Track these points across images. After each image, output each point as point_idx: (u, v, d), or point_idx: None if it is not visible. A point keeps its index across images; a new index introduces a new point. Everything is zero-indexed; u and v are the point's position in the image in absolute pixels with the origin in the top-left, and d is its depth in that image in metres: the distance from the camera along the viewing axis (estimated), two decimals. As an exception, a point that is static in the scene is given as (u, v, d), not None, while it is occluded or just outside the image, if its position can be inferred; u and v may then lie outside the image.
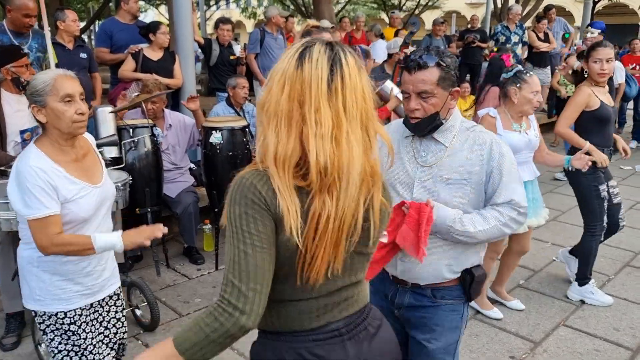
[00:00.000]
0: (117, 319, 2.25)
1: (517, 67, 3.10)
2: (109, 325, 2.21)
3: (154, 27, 4.89)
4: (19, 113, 3.02)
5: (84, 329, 2.07)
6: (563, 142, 6.12)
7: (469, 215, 1.80)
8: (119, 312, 2.26)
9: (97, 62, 5.04)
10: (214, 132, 3.93)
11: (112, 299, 2.22)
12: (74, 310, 2.04)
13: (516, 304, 3.53)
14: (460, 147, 1.83)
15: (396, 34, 8.03)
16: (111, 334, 2.22)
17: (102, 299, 2.16)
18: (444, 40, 8.42)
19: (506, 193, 1.79)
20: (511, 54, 6.12)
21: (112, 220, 2.21)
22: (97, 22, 15.43)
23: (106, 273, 2.14)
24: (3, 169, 2.84)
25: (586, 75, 3.44)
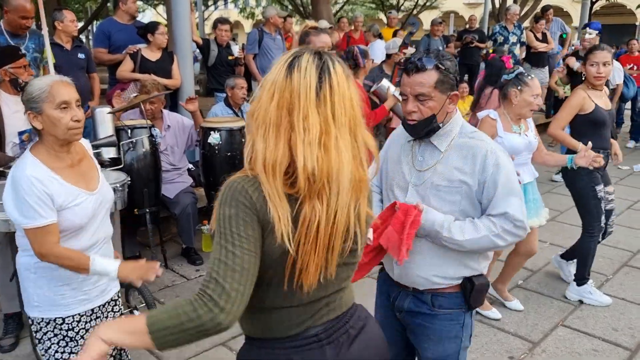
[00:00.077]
0: None
1: (519, 69, 3.07)
2: None
3: (152, 27, 4.87)
4: (17, 114, 3.00)
5: (82, 335, 2.05)
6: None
7: (460, 222, 1.76)
8: (117, 318, 2.24)
9: (95, 63, 5.02)
10: (212, 132, 3.93)
11: (110, 305, 2.21)
12: (72, 316, 2.03)
13: (516, 304, 3.54)
14: (454, 154, 1.79)
15: (394, 34, 8.04)
16: None
17: (102, 305, 2.14)
18: (442, 41, 8.43)
19: (501, 205, 1.73)
20: (508, 54, 6.12)
21: (111, 221, 2.20)
22: (95, 22, 15.40)
23: (104, 278, 2.12)
24: (2, 169, 2.83)
25: (583, 78, 3.44)
